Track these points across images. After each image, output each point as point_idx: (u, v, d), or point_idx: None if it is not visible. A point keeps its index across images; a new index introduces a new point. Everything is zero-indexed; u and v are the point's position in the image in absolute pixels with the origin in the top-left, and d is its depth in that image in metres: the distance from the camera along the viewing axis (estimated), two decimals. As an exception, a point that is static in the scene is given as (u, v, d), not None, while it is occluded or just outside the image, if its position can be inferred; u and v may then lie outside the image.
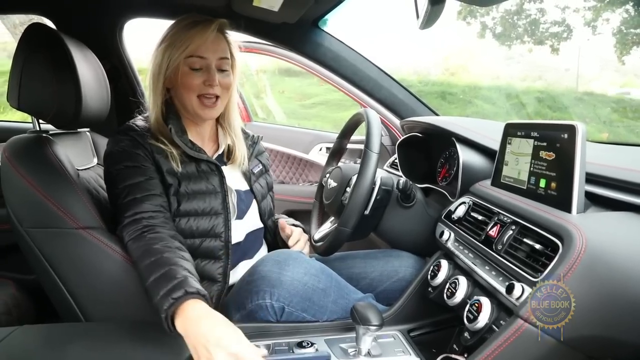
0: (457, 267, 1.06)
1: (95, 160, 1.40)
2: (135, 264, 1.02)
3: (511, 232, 0.89)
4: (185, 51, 1.12)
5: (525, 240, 0.84)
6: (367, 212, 1.22)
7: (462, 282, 0.96)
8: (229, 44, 1.21)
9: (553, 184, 0.88)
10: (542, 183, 0.91)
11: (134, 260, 1.02)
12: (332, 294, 1.09)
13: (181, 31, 1.14)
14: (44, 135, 1.14)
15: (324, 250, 1.24)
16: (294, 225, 1.41)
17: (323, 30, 1.62)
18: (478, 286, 0.94)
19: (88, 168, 1.32)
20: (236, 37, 1.25)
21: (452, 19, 10.46)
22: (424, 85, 8.89)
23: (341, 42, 1.66)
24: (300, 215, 2.34)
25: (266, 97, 4.22)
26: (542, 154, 0.91)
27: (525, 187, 0.96)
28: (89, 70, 1.17)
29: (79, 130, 1.39)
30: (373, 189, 1.23)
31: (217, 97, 1.18)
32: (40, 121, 1.19)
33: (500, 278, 0.85)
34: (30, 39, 1.10)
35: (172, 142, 1.16)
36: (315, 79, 2.00)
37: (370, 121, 1.20)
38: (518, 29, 10.33)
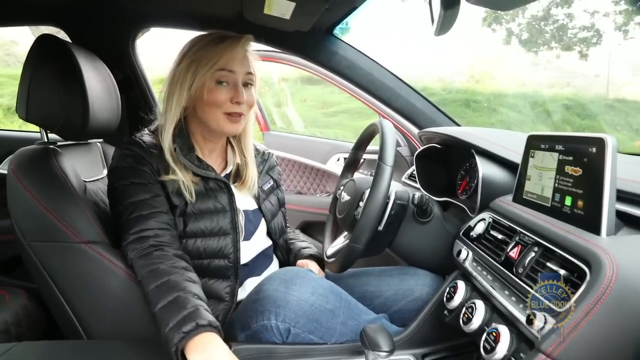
0: (475, 290, 0.99)
1: (105, 172, 1.39)
2: (140, 284, 0.99)
3: (533, 254, 0.82)
4: (215, 65, 1.09)
5: (548, 264, 0.77)
6: (380, 227, 1.17)
7: (480, 307, 0.89)
8: (251, 62, 1.18)
9: (580, 202, 0.80)
10: (568, 201, 0.83)
11: (139, 280, 0.99)
12: (341, 315, 1.03)
13: (207, 46, 1.11)
14: (50, 146, 1.13)
15: (336, 267, 1.19)
16: (303, 248, 1.40)
17: (338, 38, 1.57)
18: (497, 312, 0.87)
19: (97, 179, 1.30)
20: (254, 47, 1.22)
21: (477, 26, 10.33)
22: (447, 93, 8.77)
23: (356, 49, 1.61)
24: (317, 226, 2.30)
25: (287, 106, 4.20)
26: (568, 169, 0.84)
27: (549, 205, 0.89)
28: (98, 81, 1.16)
29: (89, 141, 1.37)
30: (387, 203, 1.17)
31: (241, 114, 1.15)
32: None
33: (521, 305, 0.78)
34: (40, 49, 1.10)
35: (181, 164, 1.12)
36: (336, 87, 1.97)
37: (385, 132, 1.14)
38: (545, 34, 10.11)
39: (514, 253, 0.87)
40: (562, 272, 0.73)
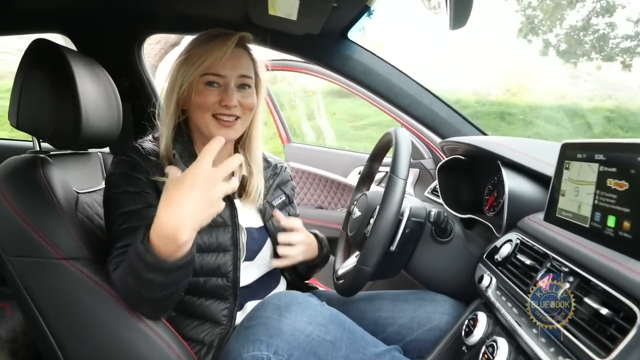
0: (498, 324, 0.84)
1: (104, 183, 1.32)
2: (119, 293, 0.92)
3: (568, 285, 0.68)
4: (200, 67, 1.00)
5: (586, 299, 0.63)
6: (393, 247, 1.04)
7: (503, 346, 0.74)
8: (253, 62, 1.09)
9: (626, 224, 0.66)
10: (611, 221, 0.69)
11: (117, 291, 0.92)
12: (343, 348, 0.91)
13: (198, 45, 1.02)
14: (40, 156, 1.07)
15: (344, 290, 1.08)
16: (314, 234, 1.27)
17: (352, 42, 1.47)
18: (523, 354, 0.73)
19: (93, 191, 1.23)
20: (272, 55, 1.13)
21: (512, 37, 10.06)
22: (481, 105, 8.54)
23: (373, 54, 1.50)
24: (336, 243, 2.18)
25: (318, 119, 4.15)
26: (611, 182, 0.70)
27: (587, 225, 0.74)
28: (95, 88, 1.10)
29: (89, 151, 1.31)
30: (400, 221, 1.05)
31: (237, 117, 1.04)
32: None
33: (552, 349, 0.64)
34: (33, 54, 1.05)
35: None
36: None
37: (398, 142, 1.03)
38: (585, 45, 9.72)
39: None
40: (604, 310, 0.58)
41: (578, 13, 9.50)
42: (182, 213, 0.76)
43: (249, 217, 1.15)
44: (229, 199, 1.07)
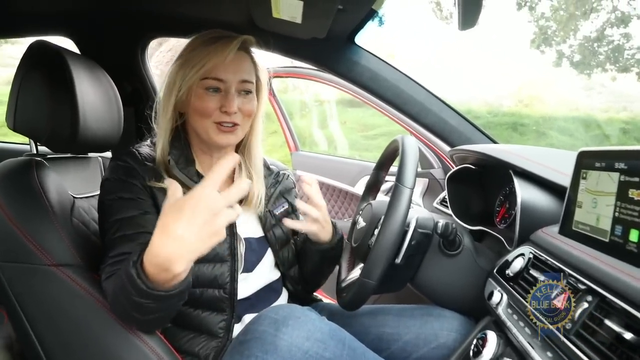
0: (509, 344, 0.79)
1: None
2: (109, 303, 0.87)
3: (586, 305, 0.62)
4: (200, 71, 0.96)
5: (606, 321, 0.57)
6: (398, 260, 0.99)
7: (514, 370, 0.69)
8: (255, 65, 1.05)
9: (650, 238, 0.60)
10: (634, 236, 0.63)
11: (109, 303, 0.87)
12: (342, 366, 0.86)
13: (198, 48, 0.98)
14: (36, 159, 1.04)
15: (346, 304, 1.02)
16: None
17: (360, 47, 1.42)
18: (537, 379, 0.67)
19: (91, 196, 1.20)
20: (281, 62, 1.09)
21: (525, 48, 9.97)
22: (493, 116, 8.44)
23: (381, 59, 1.45)
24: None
25: (330, 128, 4.12)
26: (633, 193, 0.65)
27: (607, 240, 0.69)
28: (95, 92, 1.08)
29: (89, 155, 1.28)
30: (406, 232, 1.00)
31: (236, 123, 1.00)
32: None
33: (569, 376, 0.58)
34: (32, 56, 1.03)
35: (176, 178, 0.99)
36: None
37: (405, 149, 0.98)
38: (599, 56, 9.60)
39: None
40: (628, 335, 0.53)
41: (592, 24, 9.40)
42: (178, 244, 0.69)
43: (248, 226, 1.10)
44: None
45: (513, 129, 7.63)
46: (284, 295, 1.18)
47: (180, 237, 0.68)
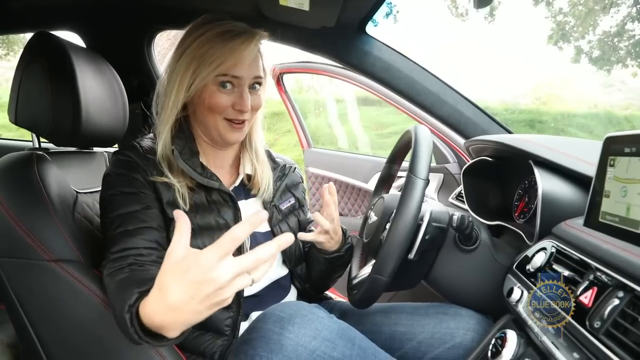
0: (531, 344, 0.73)
1: None
2: (109, 301, 0.82)
3: (617, 301, 0.57)
4: (218, 68, 0.92)
5: (641, 318, 0.52)
6: (412, 255, 0.94)
7: (537, 372, 0.64)
8: (262, 57, 1.02)
9: (688, 228, 0.55)
10: (669, 226, 0.58)
11: (108, 297, 0.82)
12: (352, 367, 0.81)
13: (213, 42, 0.93)
14: (38, 153, 1.02)
15: (357, 301, 0.98)
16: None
17: (371, 36, 1.37)
18: (562, 381, 0.62)
19: (95, 191, 1.17)
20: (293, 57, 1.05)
21: (542, 44, 9.80)
22: (510, 113, 8.31)
23: (394, 49, 1.40)
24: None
25: (344, 126, 4.09)
26: (667, 180, 0.59)
27: (639, 232, 0.63)
28: (99, 85, 1.06)
29: (94, 150, 1.26)
30: (419, 226, 0.95)
31: (245, 120, 0.98)
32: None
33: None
34: (34, 48, 1.01)
35: (179, 170, 0.96)
36: (393, 107, 1.79)
37: (418, 139, 0.94)
38: (619, 51, 9.38)
39: (586, 297, 0.62)
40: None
41: (612, 18, 9.20)
42: (174, 315, 0.62)
43: None
44: (231, 200, 1.00)
45: (530, 126, 7.50)
46: (293, 292, 1.15)
47: (178, 309, 0.60)
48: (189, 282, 0.58)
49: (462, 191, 1.39)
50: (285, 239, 0.62)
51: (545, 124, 7.83)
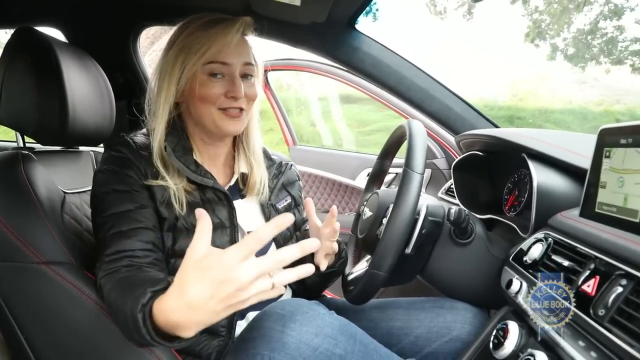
0: (533, 334, 0.74)
1: None
2: (105, 303, 0.80)
3: (620, 289, 0.58)
4: (205, 55, 0.90)
5: (647, 306, 0.53)
6: (408, 250, 0.95)
7: (542, 361, 0.65)
8: (251, 49, 1.00)
9: (688, 216, 0.56)
10: (668, 214, 0.59)
11: (105, 297, 0.79)
12: (354, 362, 0.81)
13: (197, 32, 0.92)
14: (23, 152, 0.98)
15: (354, 297, 0.98)
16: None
17: (360, 32, 1.37)
18: (568, 370, 0.62)
19: (83, 191, 1.14)
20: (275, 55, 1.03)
21: (519, 42, 9.97)
22: (490, 109, 8.43)
23: (383, 45, 1.40)
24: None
25: (325, 124, 4.09)
26: (665, 169, 0.60)
27: (637, 220, 0.64)
28: (86, 82, 1.03)
29: (80, 149, 1.23)
30: (416, 220, 0.95)
31: (241, 108, 0.95)
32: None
33: (607, 365, 0.54)
34: (17, 43, 0.97)
35: (174, 169, 0.94)
36: (375, 105, 1.79)
37: (413, 133, 0.94)
38: (593, 49, 9.59)
39: (589, 287, 0.63)
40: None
41: (586, 16, 9.40)
42: (192, 313, 0.60)
43: (250, 218, 1.05)
44: (226, 198, 0.98)
45: (509, 122, 7.64)
46: (288, 292, 1.14)
47: (196, 307, 0.60)
48: (210, 281, 0.58)
49: (452, 186, 1.41)
50: (311, 245, 0.62)
51: (524, 120, 7.98)
